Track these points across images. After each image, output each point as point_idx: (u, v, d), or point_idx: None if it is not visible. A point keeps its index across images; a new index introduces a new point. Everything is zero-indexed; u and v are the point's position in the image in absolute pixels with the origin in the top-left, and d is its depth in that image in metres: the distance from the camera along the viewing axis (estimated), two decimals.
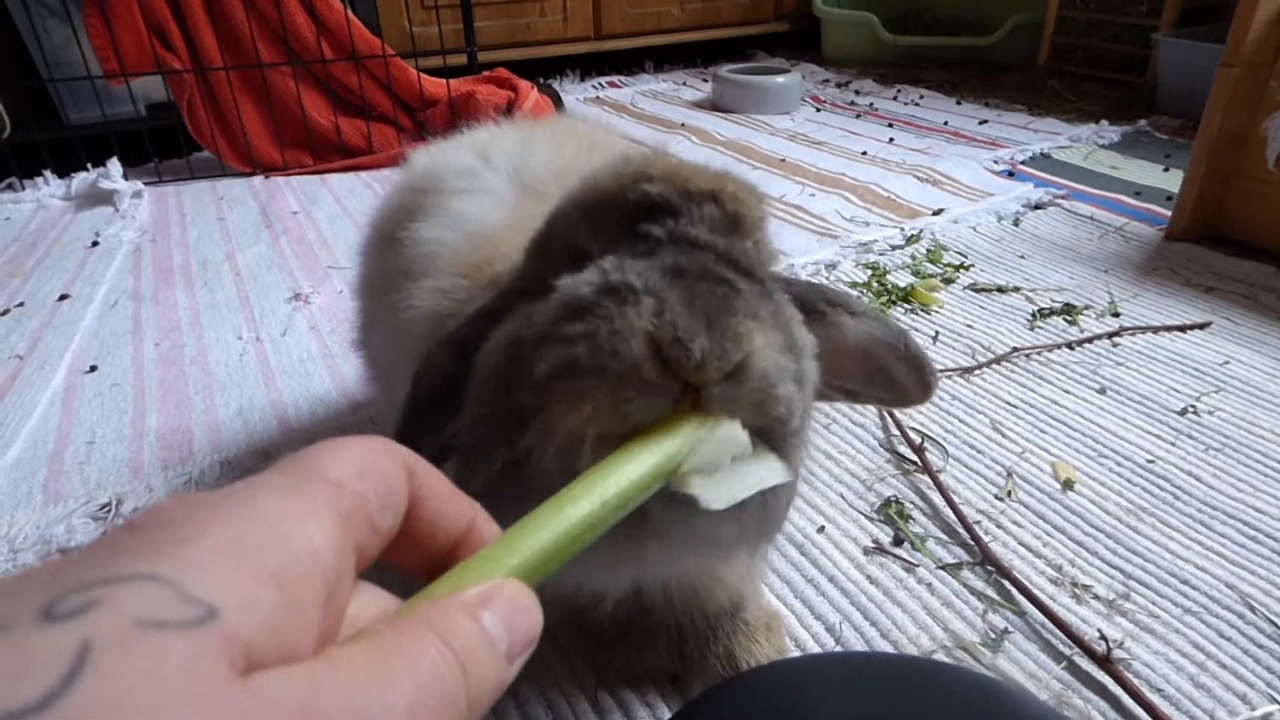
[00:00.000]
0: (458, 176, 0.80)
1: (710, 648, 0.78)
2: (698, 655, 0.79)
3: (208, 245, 2.00)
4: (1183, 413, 1.24)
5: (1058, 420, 1.23)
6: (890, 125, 2.86)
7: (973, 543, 0.99)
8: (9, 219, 2.20)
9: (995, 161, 2.42)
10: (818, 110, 3.12)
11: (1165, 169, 2.30)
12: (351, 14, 2.44)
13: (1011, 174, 2.33)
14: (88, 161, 2.39)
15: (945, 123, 2.85)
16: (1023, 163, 2.42)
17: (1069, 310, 1.55)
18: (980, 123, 2.83)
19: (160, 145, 2.51)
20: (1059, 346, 1.43)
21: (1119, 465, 1.13)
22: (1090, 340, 1.45)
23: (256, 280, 1.79)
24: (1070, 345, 1.43)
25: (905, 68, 3.62)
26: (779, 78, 3.08)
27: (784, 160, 2.52)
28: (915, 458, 1.14)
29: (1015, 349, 1.41)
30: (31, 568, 0.24)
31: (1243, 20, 1.64)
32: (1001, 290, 1.65)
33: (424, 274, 0.71)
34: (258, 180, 2.46)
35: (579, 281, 0.48)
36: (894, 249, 1.85)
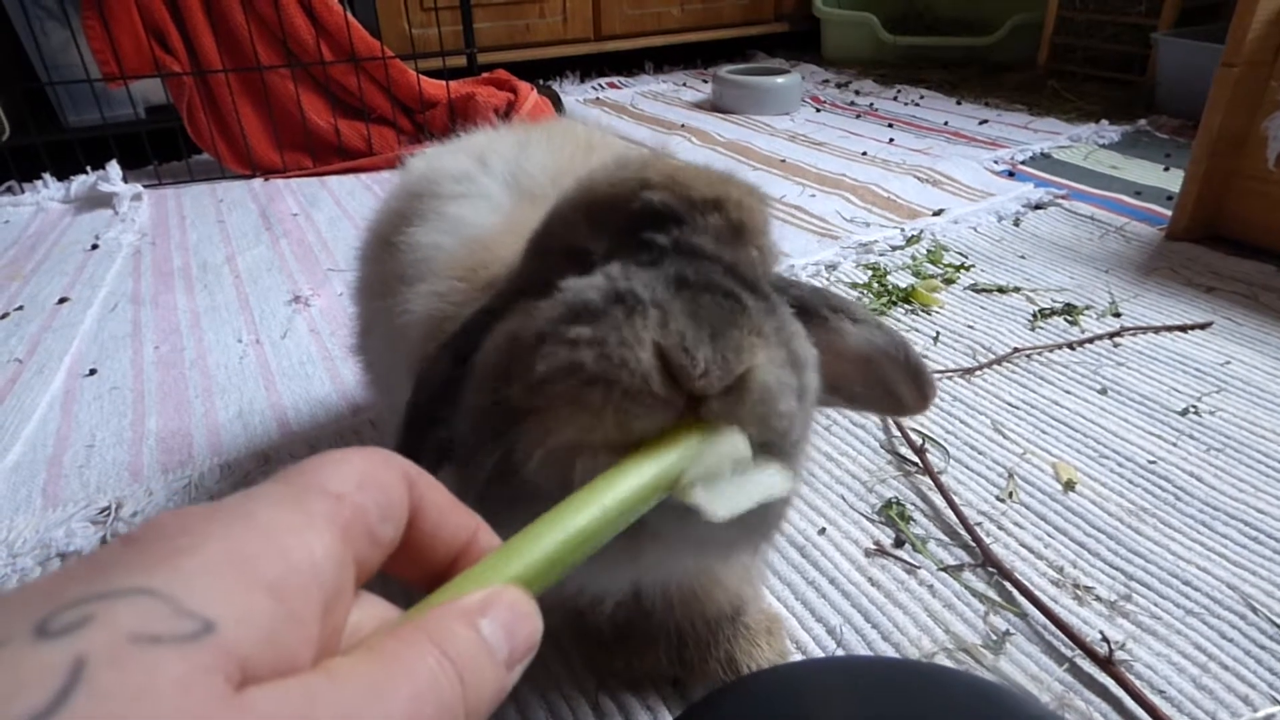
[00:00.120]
0: (454, 181, 0.80)
1: (711, 651, 0.78)
2: (698, 659, 0.78)
3: (207, 248, 1.99)
4: (1184, 413, 1.24)
5: (1059, 421, 1.23)
6: (890, 125, 2.86)
7: (974, 544, 0.99)
8: (8, 222, 2.20)
9: (995, 161, 2.42)
10: (818, 111, 3.12)
11: (1165, 168, 2.30)
12: (351, 16, 2.44)
13: (1012, 174, 2.33)
14: (87, 164, 2.39)
15: (945, 123, 2.85)
16: (1023, 163, 2.42)
17: (1070, 310, 1.54)
18: (980, 123, 2.83)
19: (159, 148, 2.50)
20: (1060, 347, 1.43)
21: (1120, 466, 1.13)
22: (1091, 340, 1.44)
23: (256, 283, 1.79)
24: (1071, 345, 1.43)
25: (905, 68, 3.62)
26: (779, 78, 3.08)
27: (784, 161, 2.52)
28: (916, 459, 1.14)
29: (1016, 349, 1.41)
30: (26, 583, 0.24)
31: (1243, 20, 1.63)
32: (1002, 290, 1.65)
33: (420, 279, 0.71)
34: (257, 182, 2.46)
35: (586, 285, 0.47)
36: (894, 249, 1.85)
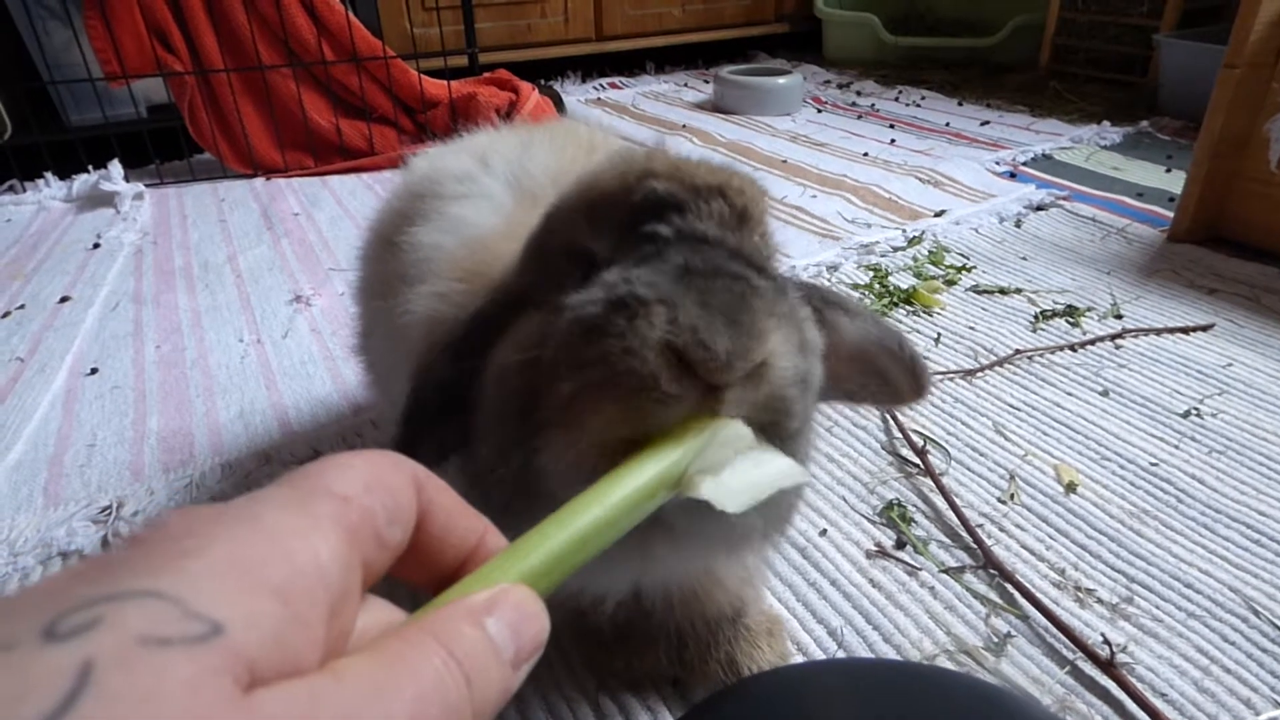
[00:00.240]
0: (456, 181, 0.80)
1: (711, 653, 0.78)
2: (699, 660, 0.78)
3: (209, 247, 2.00)
4: (1186, 415, 1.24)
5: (1060, 423, 1.23)
6: (892, 126, 2.86)
7: (975, 546, 0.99)
8: (10, 221, 2.21)
9: (997, 163, 2.41)
10: (819, 111, 3.12)
11: (1167, 170, 2.30)
12: (352, 15, 2.44)
13: (1013, 175, 2.33)
14: (89, 163, 2.39)
15: (947, 124, 2.85)
16: (1024, 164, 2.42)
17: (1071, 312, 1.54)
18: (982, 124, 2.82)
19: (161, 147, 2.51)
20: (1061, 348, 1.43)
21: (1122, 468, 1.13)
22: (1093, 342, 1.44)
23: (258, 282, 1.79)
24: (1073, 347, 1.43)
25: (906, 69, 3.61)
26: (780, 79, 3.08)
27: (785, 161, 2.51)
28: (917, 460, 1.14)
29: (1017, 351, 1.41)
30: (34, 584, 0.24)
31: (1245, 21, 1.63)
32: (1003, 292, 1.65)
33: (421, 279, 0.71)
34: (259, 182, 2.46)
35: (586, 300, 0.47)
36: (896, 250, 1.85)
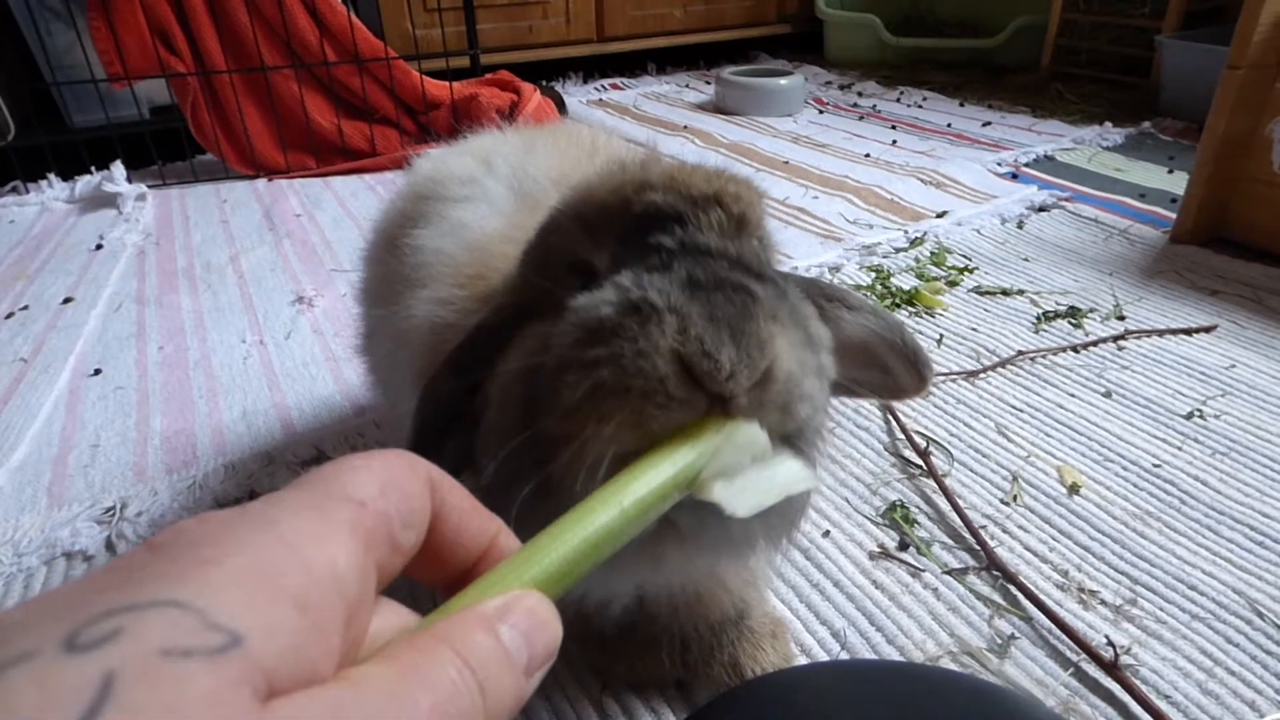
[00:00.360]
0: (459, 184, 0.80)
1: (715, 655, 0.78)
2: (702, 662, 0.78)
3: (211, 248, 2.00)
4: (1189, 416, 1.24)
5: (1063, 424, 1.23)
6: (893, 127, 2.86)
7: (978, 547, 0.99)
8: (13, 222, 2.21)
9: (999, 164, 2.41)
10: (820, 112, 3.12)
11: (1169, 171, 2.30)
12: (354, 16, 2.45)
13: (1015, 176, 2.33)
14: (91, 164, 2.40)
15: (948, 125, 2.85)
16: (1026, 165, 2.42)
17: (1074, 313, 1.54)
18: (983, 125, 2.82)
19: (164, 148, 2.51)
20: (1064, 350, 1.43)
21: (1125, 469, 1.13)
22: (1095, 343, 1.44)
23: (260, 283, 1.79)
24: (1075, 348, 1.43)
25: (908, 70, 3.62)
26: (782, 80, 3.08)
27: (787, 162, 2.52)
28: (920, 462, 1.14)
29: (1020, 352, 1.41)
30: (54, 590, 0.24)
31: (1248, 22, 1.63)
32: (1006, 293, 1.65)
33: (423, 284, 0.71)
34: (261, 183, 2.46)
35: (598, 301, 0.47)
36: (898, 251, 1.85)
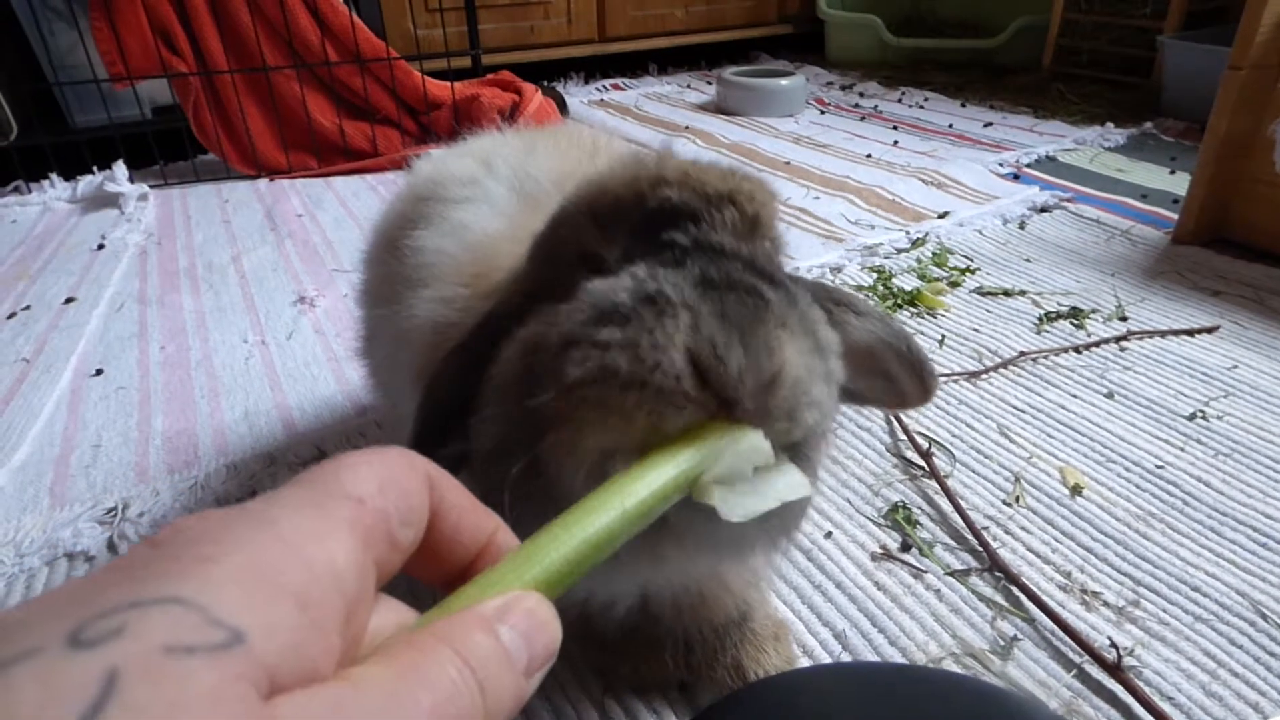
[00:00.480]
0: (460, 185, 0.80)
1: (718, 657, 0.78)
2: (705, 665, 0.78)
3: (213, 248, 2.00)
4: (1191, 418, 1.23)
5: (1065, 425, 1.23)
6: (895, 128, 2.86)
7: (981, 549, 0.99)
8: (15, 222, 2.21)
9: (1000, 164, 2.41)
10: (822, 113, 3.12)
11: (1171, 172, 2.30)
12: (356, 17, 2.45)
13: (1017, 177, 2.33)
14: (93, 164, 2.40)
15: (950, 125, 2.85)
16: (1028, 165, 2.42)
17: (1076, 314, 1.54)
18: (985, 125, 2.82)
19: (165, 148, 2.51)
20: (1066, 350, 1.42)
21: (1127, 470, 1.13)
22: (1097, 344, 1.44)
23: (262, 283, 1.80)
24: (1077, 349, 1.43)
25: (909, 70, 3.62)
26: (783, 80, 3.08)
27: (788, 163, 2.51)
28: (922, 463, 1.14)
29: (1022, 353, 1.41)
30: (57, 588, 0.24)
31: (1250, 23, 1.63)
32: (1008, 294, 1.64)
33: (424, 284, 0.70)
34: (262, 183, 2.46)
35: (615, 286, 0.47)
36: (899, 252, 1.85)
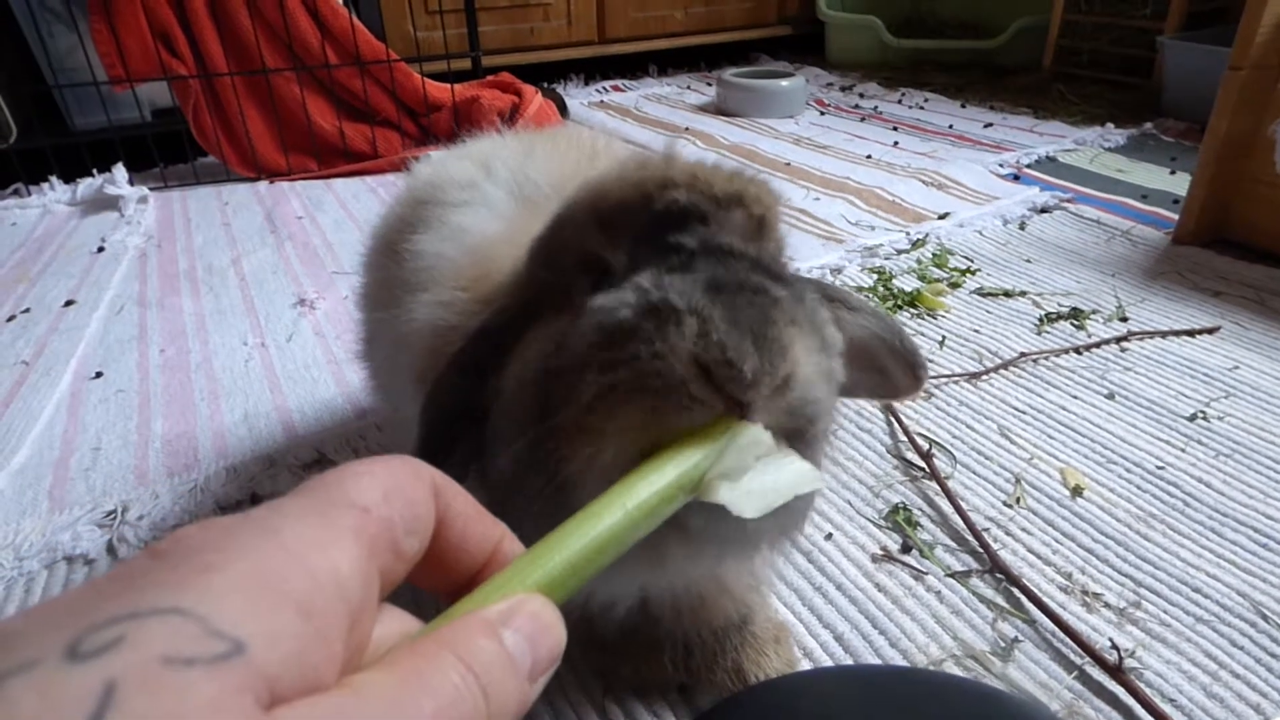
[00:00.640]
0: (459, 188, 0.79)
1: (719, 660, 0.78)
2: (705, 668, 0.78)
3: (213, 251, 2.00)
4: (1192, 418, 1.23)
5: (1066, 426, 1.23)
6: (895, 129, 2.86)
7: (981, 550, 0.99)
8: (15, 225, 2.21)
9: (1000, 165, 2.41)
10: (822, 114, 3.12)
11: (1172, 172, 2.30)
12: (356, 19, 2.45)
13: (1017, 177, 2.32)
14: (93, 167, 2.40)
15: (950, 126, 2.85)
16: (1028, 166, 2.41)
17: (1076, 315, 1.54)
18: (985, 126, 2.82)
19: (165, 151, 2.51)
20: (1066, 351, 1.42)
21: (1128, 471, 1.13)
22: (1098, 345, 1.44)
23: (262, 286, 1.79)
24: (1078, 350, 1.43)
25: (909, 71, 3.62)
26: (783, 81, 3.08)
27: (788, 164, 2.51)
28: (923, 464, 1.14)
29: (1022, 354, 1.40)
30: (55, 598, 0.24)
31: (1250, 23, 1.63)
32: (1008, 294, 1.64)
33: (423, 287, 0.70)
34: (262, 185, 2.46)
35: (617, 302, 0.47)
36: (899, 253, 1.85)
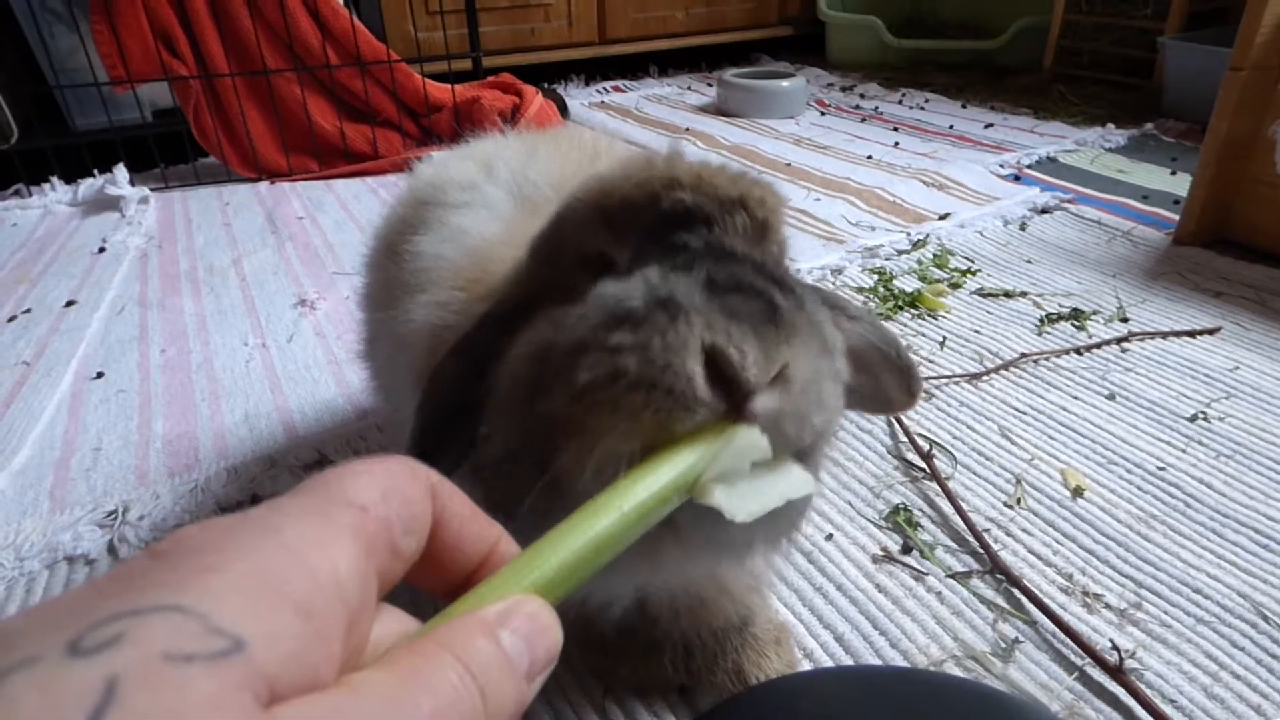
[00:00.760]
0: (459, 190, 0.80)
1: (719, 662, 0.78)
2: (706, 669, 0.78)
3: (214, 251, 2.00)
4: (1193, 419, 1.23)
5: (1067, 427, 1.23)
6: (895, 129, 2.86)
7: (982, 551, 0.99)
8: (16, 225, 2.21)
9: (1001, 165, 2.41)
10: (823, 114, 3.12)
11: (1172, 172, 2.30)
12: (357, 19, 2.45)
13: (1018, 178, 2.32)
14: (94, 168, 2.40)
15: (950, 126, 2.85)
16: (1029, 166, 2.41)
17: (1077, 315, 1.54)
18: (986, 126, 2.82)
19: (166, 151, 2.51)
20: (1067, 352, 1.42)
21: (1129, 472, 1.13)
22: (1099, 346, 1.44)
23: (262, 286, 1.80)
24: (1079, 351, 1.43)
25: (910, 71, 3.62)
26: (784, 82, 3.08)
27: (789, 165, 2.51)
28: (923, 465, 1.14)
29: (1023, 354, 1.40)
30: (57, 597, 0.24)
31: (1250, 24, 1.63)
32: (1009, 295, 1.64)
33: (423, 288, 0.71)
34: (263, 186, 2.46)
35: (627, 291, 0.47)
36: (900, 254, 1.85)
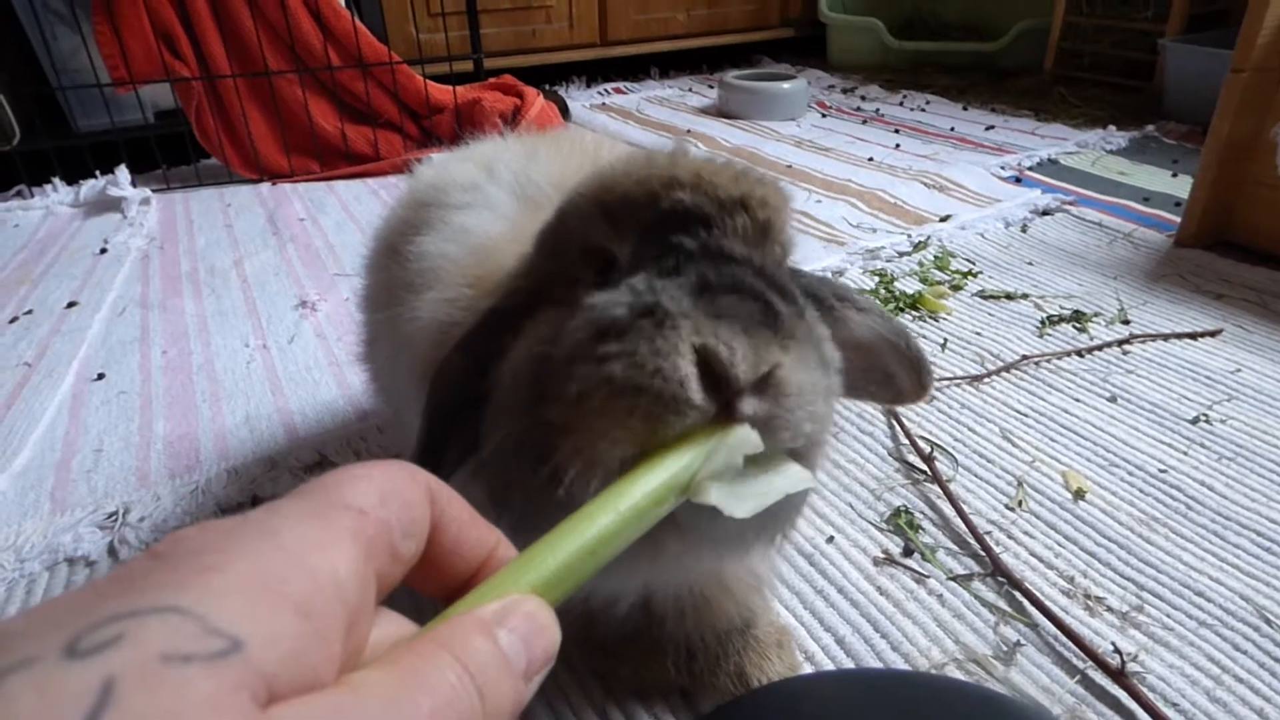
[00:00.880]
0: (462, 190, 0.80)
1: (720, 664, 0.77)
2: (708, 672, 0.78)
3: (215, 252, 2.00)
4: (1194, 421, 1.23)
5: (1068, 429, 1.23)
6: (896, 131, 2.86)
7: (983, 553, 0.99)
8: (18, 226, 2.21)
9: (1002, 167, 2.41)
10: (824, 116, 3.12)
11: (1174, 174, 2.30)
12: (358, 21, 2.45)
13: (1019, 180, 2.32)
14: (96, 169, 2.40)
15: (952, 128, 2.85)
16: (1030, 168, 2.41)
17: (1078, 317, 1.54)
18: (987, 128, 2.82)
19: (168, 152, 2.51)
20: (1068, 354, 1.42)
21: (1130, 475, 1.12)
22: (1100, 348, 1.44)
23: (263, 288, 1.80)
24: (1080, 353, 1.42)
25: (911, 73, 3.62)
26: (785, 84, 3.08)
27: (790, 166, 2.51)
28: (924, 467, 1.13)
29: (1024, 356, 1.40)
30: (55, 598, 0.24)
31: (1251, 26, 1.63)
32: (1010, 297, 1.64)
33: (427, 287, 0.71)
34: (265, 187, 2.47)
35: (612, 301, 0.47)
36: (901, 256, 1.85)
